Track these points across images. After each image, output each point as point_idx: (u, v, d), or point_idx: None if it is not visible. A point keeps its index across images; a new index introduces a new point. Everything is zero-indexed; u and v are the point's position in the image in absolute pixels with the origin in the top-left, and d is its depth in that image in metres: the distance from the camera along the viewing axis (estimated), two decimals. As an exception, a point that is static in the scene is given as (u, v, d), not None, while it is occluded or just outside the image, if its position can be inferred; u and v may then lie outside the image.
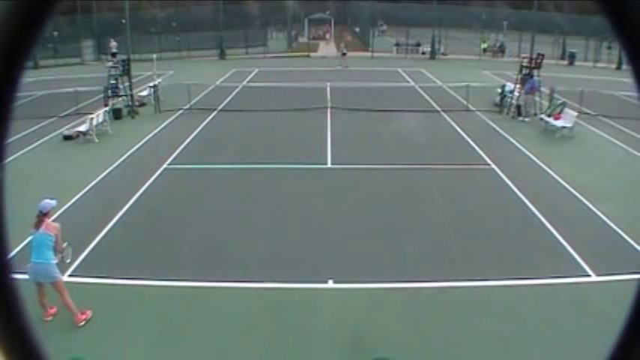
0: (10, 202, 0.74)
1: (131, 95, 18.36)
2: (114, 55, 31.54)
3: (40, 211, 6.36)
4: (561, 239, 8.80)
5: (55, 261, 6.34)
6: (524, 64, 18.30)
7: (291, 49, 41.47)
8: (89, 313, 6.59)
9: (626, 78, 0.86)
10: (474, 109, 18.92)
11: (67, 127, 15.96)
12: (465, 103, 19.32)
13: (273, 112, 18.30)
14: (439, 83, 25.35)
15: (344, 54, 32.32)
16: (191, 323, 6.60)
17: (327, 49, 35.50)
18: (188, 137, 15.13)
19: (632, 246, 8.51)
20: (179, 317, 6.77)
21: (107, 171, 12.27)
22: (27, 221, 8.86)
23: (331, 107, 18.77)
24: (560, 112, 16.33)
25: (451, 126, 16.82)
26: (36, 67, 29.06)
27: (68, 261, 6.82)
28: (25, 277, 6.14)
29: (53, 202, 6.57)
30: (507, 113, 18.34)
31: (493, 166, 12.74)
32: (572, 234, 8.95)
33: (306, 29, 48.95)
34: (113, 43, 32.30)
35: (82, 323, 6.47)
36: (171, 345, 6.23)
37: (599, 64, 34.27)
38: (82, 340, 6.18)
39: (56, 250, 6.36)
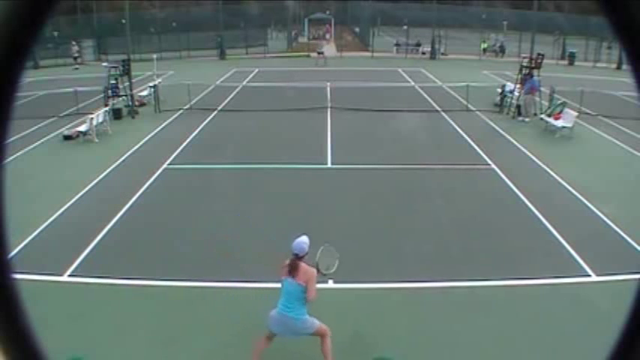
0: (10, 203, 0.74)
1: (131, 95, 18.36)
2: (75, 59, 31.77)
3: (296, 255, 5.30)
4: (561, 239, 8.80)
5: (308, 317, 5.39)
6: (524, 64, 18.31)
7: (291, 49, 41.48)
8: None
9: (626, 78, 0.86)
10: (474, 109, 18.92)
11: (67, 127, 15.96)
12: (465, 103, 19.32)
13: (274, 112, 18.31)
14: (439, 83, 25.35)
15: (320, 53, 32.80)
16: (191, 323, 6.60)
17: (327, 49, 35.58)
18: (188, 137, 15.13)
19: (632, 246, 8.50)
20: (179, 317, 6.76)
21: (107, 171, 12.27)
22: (26, 221, 8.91)
23: (331, 107, 18.78)
24: (560, 112, 16.33)
25: (451, 126, 16.82)
26: (36, 67, 29.10)
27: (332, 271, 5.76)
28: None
29: (306, 240, 5.41)
30: (507, 113, 18.35)
31: (493, 166, 12.74)
32: (572, 234, 8.95)
33: (306, 29, 48.95)
34: (75, 47, 32.42)
35: None
36: (171, 345, 6.23)
37: (599, 64, 34.27)
38: (82, 340, 6.17)
39: (307, 300, 5.31)
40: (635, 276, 6.92)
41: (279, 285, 7.44)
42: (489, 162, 13.05)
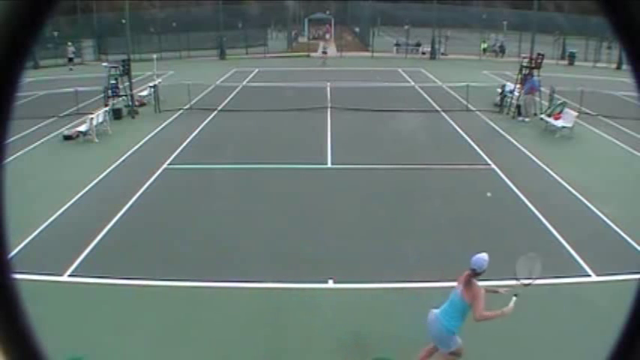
0: (10, 203, 0.74)
1: (131, 95, 18.36)
2: (70, 60, 31.75)
3: (473, 270, 5.18)
4: (561, 239, 8.80)
5: (454, 337, 5.29)
6: (524, 64, 18.31)
7: (291, 49, 41.48)
8: None
9: (626, 78, 0.86)
10: (474, 109, 18.92)
11: (67, 127, 15.96)
12: (465, 103, 19.32)
13: (274, 112, 18.31)
14: (439, 83, 25.35)
15: (324, 53, 34.08)
16: (191, 323, 6.60)
17: (329, 49, 35.74)
18: (188, 137, 15.13)
19: (632, 246, 8.50)
20: (179, 317, 6.76)
21: (107, 171, 12.27)
22: (26, 221, 8.90)
23: (331, 107, 18.79)
24: (560, 112, 16.34)
25: (451, 126, 16.82)
26: (36, 67, 29.09)
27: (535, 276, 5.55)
28: None
29: (487, 257, 5.26)
30: (507, 113, 18.35)
31: (493, 166, 12.74)
32: (572, 234, 8.95)
33: (306, 29, 48.97)
34: (71, 48, 32.43)
35: None
36: (171, 345, 6.23)
37: (599, 64, 34.26)
38: (82, 340, 6.17)
39: (475, 318, 5.17)
40: (635, 276, 6.92)
41: (279, 285, 7.50)
42: (489, 162, 13.05)
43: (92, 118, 15.13)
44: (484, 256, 5.28)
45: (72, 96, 18.60)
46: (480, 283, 5.31)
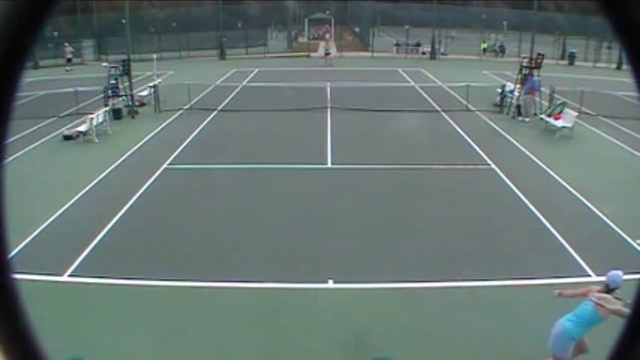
0: (10, 203, 0.74)
1: (131, 95, 18.36)
2: (69, 60, 31.70)
3: (607, 285, 5.30)
4: (561, 239, 8.80)
5: (572, 344, 5.32)
6: (524, 64, 18.30)
7: (291, 49, 41.48)
8: None
9: (626, 78, 0.86)
10: (474, 109, 18.92)
11: (67, 127, 15.97)
12: (465, 103, 19.32)
13: (274, 112, 18.31)
14: (439, 83, 25.35)
15: (327, 54, 33.84)
16: (191, 323, 6.60)
17: (331, 49, 35.77)
18: (188, 137, 15.14)
19: (632, 246, 8.51)
20: (179, 317, 6.76)
21: (107, 171, 12.27)
22: (26, 221, 8.90)
23: (331, 107, 18.79)
24: (560, 112, 16.33)
25: (451, 126, 16.82)
26: (36, 67, 29.08)
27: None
28: None
29: (622, 275, 5.34)
30: (507, 113, 18.34)
31: (493, 166, 12.74)
32: (572, 234, 8.95)
33: (306, 29, 48.96)
34: (69, 49, 32.40)
35: None
36: (171, 345, 6.23)
37: (599, 64, 34.25)
38: (82, 340, 6.17)
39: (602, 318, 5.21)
40: (635, 276, 6.91)
41: (279, 285, 7.50)
42: (489, 162, 13.05)
43: (92, 118, 15.14)
44: (619, 272, 5.35)
45: (72, 96, 18.60)
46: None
